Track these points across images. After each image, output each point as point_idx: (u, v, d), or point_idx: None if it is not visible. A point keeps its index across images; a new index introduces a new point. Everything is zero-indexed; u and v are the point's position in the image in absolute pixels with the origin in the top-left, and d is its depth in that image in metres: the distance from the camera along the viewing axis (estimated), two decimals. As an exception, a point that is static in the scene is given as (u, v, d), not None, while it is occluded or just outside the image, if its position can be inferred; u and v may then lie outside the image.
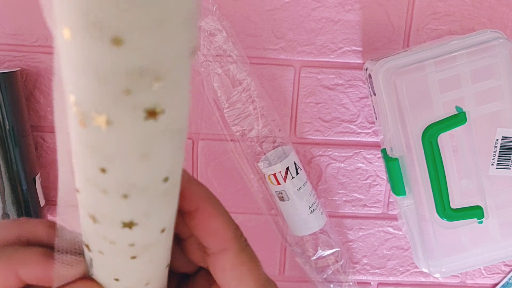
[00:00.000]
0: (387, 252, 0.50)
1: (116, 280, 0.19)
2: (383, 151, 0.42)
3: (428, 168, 0.39)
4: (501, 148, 0.40)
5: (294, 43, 0.45)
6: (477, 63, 0.38)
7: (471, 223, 0.41)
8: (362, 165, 0.48)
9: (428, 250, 0.42)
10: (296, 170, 0.43)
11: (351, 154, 0.47)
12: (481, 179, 0.40)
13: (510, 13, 0.45)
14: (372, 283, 0.51)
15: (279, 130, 0.45)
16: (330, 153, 0.47)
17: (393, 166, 0.40)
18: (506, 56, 0.38)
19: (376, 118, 0.45)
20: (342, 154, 0.47)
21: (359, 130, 0.47)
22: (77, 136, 0.14)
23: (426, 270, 0.43)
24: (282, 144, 0.44)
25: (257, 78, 0.45)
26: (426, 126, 0.39)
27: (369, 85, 0.43)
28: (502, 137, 0.40)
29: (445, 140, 0.39)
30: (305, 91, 0.46)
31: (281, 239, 0.49)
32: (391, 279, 0.51)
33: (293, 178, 0.43)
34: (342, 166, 0.48)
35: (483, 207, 0.41)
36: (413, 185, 0.40)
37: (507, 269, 0.50)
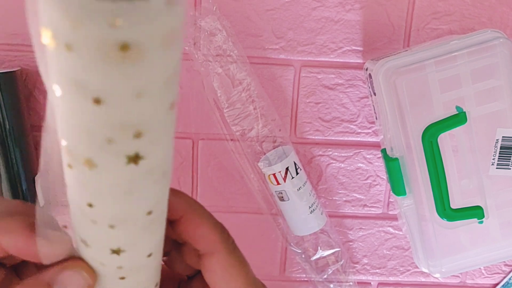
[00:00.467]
0: (387, 252, 0.50)
1: None
2: (383, 151, 0.42)
3: (428, 168, 0.39)
4: (501, 148, 0.40)
5: (294, 43, 0.45)
6: (477, 63, 0.38)
7: (471, 223, 0.41)
8: (362, 165, 0.48)
9: (428, 250, 0.42)
10: (296, 170, 0.43)
11: (351, 154, 0.47)
12: (481, 179, 0.40)
13: (510, 12, 0.45)
14: (372, 283, 0.51)
15: (279, 130, 0.45)
16: (330, 153, 0.47)
17: (393, 166, 0.40)
18: (506, 56, 0.38)
19: (376, 118, 0.45)
20: (342, 154, 0.47)
21: (359, 130, 0.47)
22: (68, 173, 0.16)
23: (426, 270, 0.43)
24: (282, 144, 0.44)
25: (257, 78, 0.45)
26: (426, 126, 0.39)
27: (369, 85, 0.43)
28: (502, 137, 0.39)
29: (445, 140, 0.39)
30: (305, 91, 0.46)
31: (281, 239, 0.49)
32: (391, 279, 0.51)
33: (293, 178, 0.43)
34: (342, 166, 0.48)
35: (483, 207, 0.40)
36: (413, 185, 0.40)
37: (507, 269, 0.50)
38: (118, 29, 0.12)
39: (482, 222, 0.41)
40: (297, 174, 0.43)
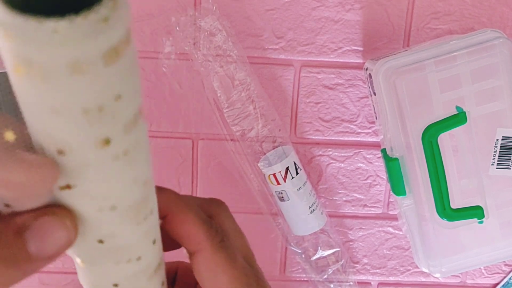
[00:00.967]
0: (388, 252, 0.50)
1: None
2: (383, 151, 0.42)
3: (428, 168, 0.39)
4: (501, 148, 0.40)
5: (294, 43, 0.45)
6: (477, 63, 0.38)
7: (471, 223, 0.41)
8: (362, 165, 0.48)
9: (428, 250, 0.42)
10: (296, 170, 0.43)
11: (351, 154, 0.47)
12: (481, 179, 0.40)
13: (510, 12, 0.45)
14: (372, 283, 0.51)
15: (279, 130, 0.45)
16: (330, 153, 0.47)
17: (393, 166, 0.40)
18: (506, 55, 0.38)
19: (376, 118, 0.45)
20: (342, 154, 0.47)
21: (359, 130, 0.47)
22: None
23: (426, 270, 0.43)
24: (282, 144, 0.44)
25: (257, 78, 0.45)
26: (426, 126, 0.39)
27: (369, 84, 0.43)
28: (502, 137, 0.39)
29: (445, 140, 0.39)
30: (305, 91, 0.46)
31: (281, 239, 0.49)
32: (392, 279, 0.51)
33: (293, 178, 0.43)
34: (342, 166, 0.48)
35: (483, 207, 0.40)
36: (413, 185, 0.40)
37: (508, 269, 0.50)
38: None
39: (482, 222, 0.41)
40: (297, 174, 0.43)
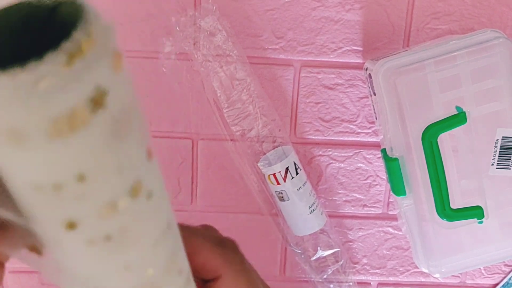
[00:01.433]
0: (387, 252, 0.50)
1: None
2: (383, 151, 0.42)
3: (428, 168, 0.39)
4: (501, 148, 0.40)
5: (294, 43, 0.45)
6: (477, 63, 0.38)
7: (471, 223, 0.41)
8: (362, 165, 0.48)
9: (428, 250, 0.42)
10: (296, 170, 0.43)
11: (351, 154, 0.47)
12: (481, 179, 0.40)
13: (509, 12, 0.45)
14: (372, 283, 0.51)
15: (279, 130, 0.45)
16: (330, 153, 0.47)
17: (393, 166, 0.40)
18: (506, 55, 0.38)
19: (376, 118, 0.45)
20: (342, 154, 0.47)
21: (359, 130, 0.47)
22: None
23: (426, 270, 0.43)
24: (282, 144, 0.44)
25: (257, 78, 0.45)
26: (426, 126, 0.39)
27: (369, 85, 0.43)
28: (502, 137, 0.39)
29: (445, 140, 0.39)
30: (305, 91, 0.46)
31: (281, 239, 0.49)
32: (391, 279, 0.51)
33: (293, 178, 0.43)
34: (342, 166, 0.48)
35: (483, 207, 0.40)
36: (413, 185, 0.40)
37: (507, 269, 0.50)
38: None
39: (482, 222, 0.41)
40: (297, 174, 0.43)
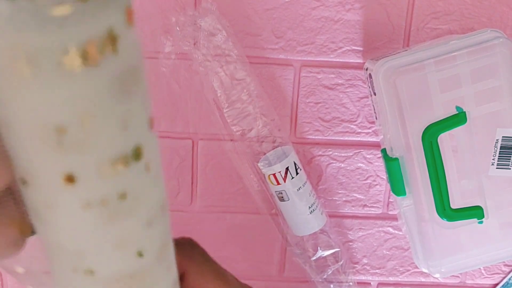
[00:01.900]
0: (387, 252, 0.50)
1: None
2: (383, 151, 0.42)
3: (428, 168, 0.39)
4: (501, 148, 0.40)
5: (294, 43, 0.45)
6: (477, 63, 0.38)
7: (471, 223, 0.41)
8: (362, 165, 0.48)
9: (428, 250, 0.42)
10: (296, 170, 0.43)
11: (351, 154, 0.47)
12: (481, 179, 0.40)
13: (510, 12, 0.45)
14: (372, 283, 0.51)
15: (279, 130, 0.45)
16: (330, 153, 0.47)
17: (393, 166, 0.40)
18: (506, 55, 0.37)
19: (376, 118, 0.45)
20: (342, 154, 0.47)
21: (359, 130, 0.47)
22: None
23: (426, 270, 0.43)
24: (282, 144, 0.44)
25: (256, 78, 0.45)
26: (426, 126, 0.39)
27: (369, 84, 0.43)
28: (502, 137, 0.39)
29: (445, 140, 0.39)
30: (305, 91, 0.46)
31: (281, 239, 0.49)
32: (391, 279, 0.51)
33: (293, 178, 0.43)
34: (342, 166, 0.48)
35: (483, 207, 0.40)
36: (413, 185, 0.40)
37: (507, 269, 0.50)
38: None
39: (482, 222, 0.41)
40: (297, 174, 0.43)
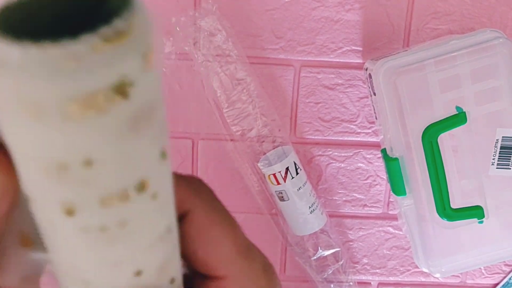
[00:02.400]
0: (387, 252, 0.50)
1: None
2: (383, 151, 0.42)
3: (428, 168, 0.39)
4: (501, 148, 0.40)
5: (294, 43, 0.45)
6: (477, 63, 0.38)
7: (471, 223, 0.41)
8: (362, 165, 0.48)
9: (428, 250, 0.42)
10: (296, 170, 0.43)
11: (351, 154, 0.47)
12: (481, 179, 0.40)
13: (510, 12, 0.45)
14: (372, 283, 0.51)
15: (279, 130, 0.45)
16: (330, 153, 0.47)
17: (393, 166, 0.40)
18: (506, 55, 0.38)
19: (376, 118, 0.45)
20: (342, 154, 0.47)
21: (359, 130, 0.47)
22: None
23: (426, 270, 0.43)
24: (282, 144, 0.44)
25: (256, 78, 0.45)
26: (426, 126, 0.39)
27: (369, 85, 0.43)
28: (502, 137, 0.39)
29: (445, 140, 0.39)
30: (305, 91, 0.46)
31: (281, 239, 0.49)
32: (392, 279, 0.51)
33: (293, 178, 0.43)
34: (342, 166, 0.48)
35: (483, 207, 0.40)
36: (413, 185, 0.40)
37: (508, 269, 0.50)
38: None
39: (482, 222, 0.41)
40: (297, 174, 0.43)
